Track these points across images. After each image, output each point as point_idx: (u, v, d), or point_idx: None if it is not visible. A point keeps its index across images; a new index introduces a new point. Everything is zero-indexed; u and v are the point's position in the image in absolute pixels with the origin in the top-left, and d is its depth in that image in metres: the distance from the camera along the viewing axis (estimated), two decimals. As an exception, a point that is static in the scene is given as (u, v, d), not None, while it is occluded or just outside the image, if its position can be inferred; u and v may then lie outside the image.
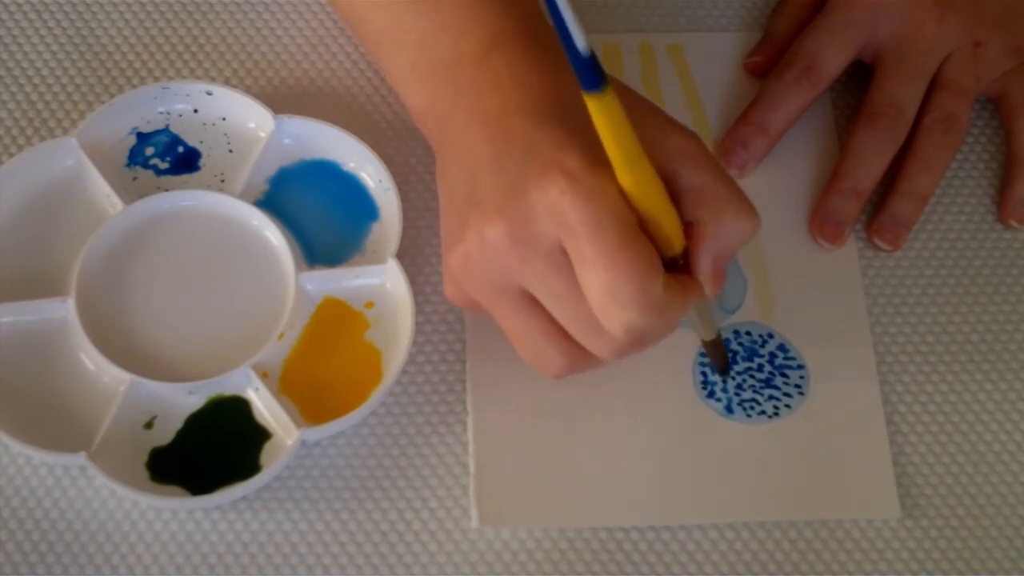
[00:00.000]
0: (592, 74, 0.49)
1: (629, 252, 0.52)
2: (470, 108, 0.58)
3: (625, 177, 0.52)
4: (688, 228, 0.55)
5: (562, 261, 0.53)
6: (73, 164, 0.64)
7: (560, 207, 0.52)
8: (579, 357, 0.57)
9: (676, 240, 0.55)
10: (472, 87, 0.58)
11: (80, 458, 0.57)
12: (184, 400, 0.60)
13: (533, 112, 0.56)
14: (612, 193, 0.52)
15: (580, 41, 0.48)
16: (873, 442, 0.61)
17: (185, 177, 0.65)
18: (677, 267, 0.56)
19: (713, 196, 0.55)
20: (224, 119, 0.66)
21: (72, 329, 0.61)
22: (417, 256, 0.64)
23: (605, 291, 0.52)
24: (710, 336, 0.61)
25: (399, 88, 0.63)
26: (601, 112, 0.50)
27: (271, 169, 0.65)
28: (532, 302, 0.56)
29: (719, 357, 0.62)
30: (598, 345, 0.55)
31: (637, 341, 0.54)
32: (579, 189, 0.52)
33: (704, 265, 0.55)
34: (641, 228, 0.54)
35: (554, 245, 0.53)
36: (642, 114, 0.54)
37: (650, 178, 0.52)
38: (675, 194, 0.54)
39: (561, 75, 0.56)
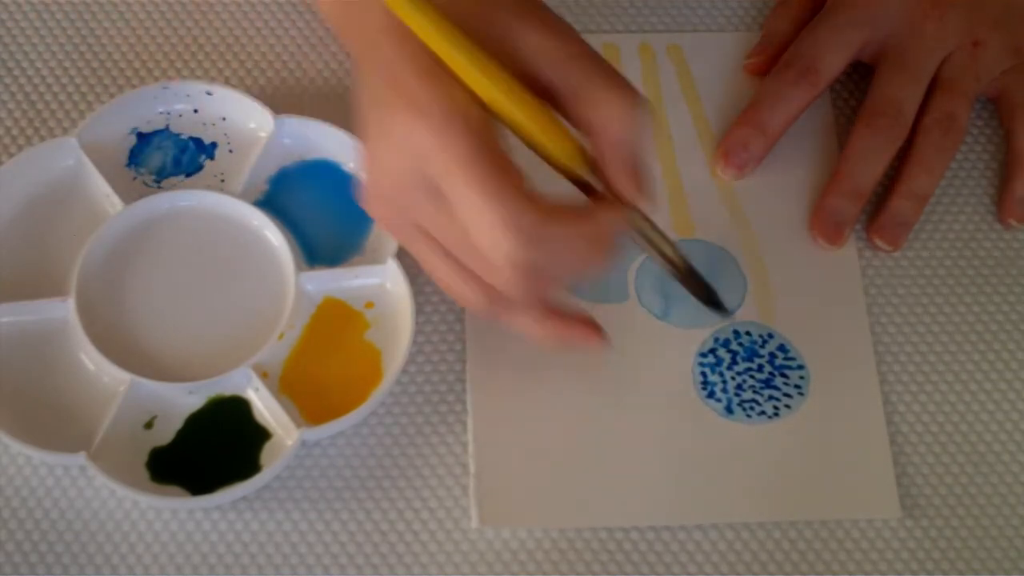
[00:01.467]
0: None
1: (492, 181, 0.49)
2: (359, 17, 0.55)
3: (473, 81, 0.50)
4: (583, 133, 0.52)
5: (437, 194, 0.51)
6: (73, 164, 0.64)
7: (417, 144, 0.50)
8: (490, 291, 0.54)
9: (560, 146, 0.52)
10: None
11: (80, 458, 0.57)
12: (184, 400, 0.60)
13: (390, 20, 0.52)
14: (465, 112, 0.50)
15: None
16: (873, 442, 0.61)
17: (185, 177, 0.65)
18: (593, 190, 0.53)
19: (586, 90, 0.52)
20: (224, 119, 0.66)
21: (72, 329, 0.61)
22: (417, 256, 0.64)
23: (475, 225, 0.50)
24: (678, 273, 0.58)
25: None
26: (408, 14, 0.48)
27: (271, 169, 0.65)
28: (430, 236, 0.54)
29: (696, 288, 0.59)
30: (494, 278, 0.53)
31: (532, 273, 0.51)
32: (429, 121, 0.50)
33: (615, 165, 0.52)
34: (526, 143, 0.51)
35: (426, 181, 0.51)
36: (495, 7, 0.51)
37: (498, 82, 0.50)
38: (548, 98, 0.52)
39: None
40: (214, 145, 0.66)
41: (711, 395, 0.62)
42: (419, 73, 0.50)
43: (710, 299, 0.60)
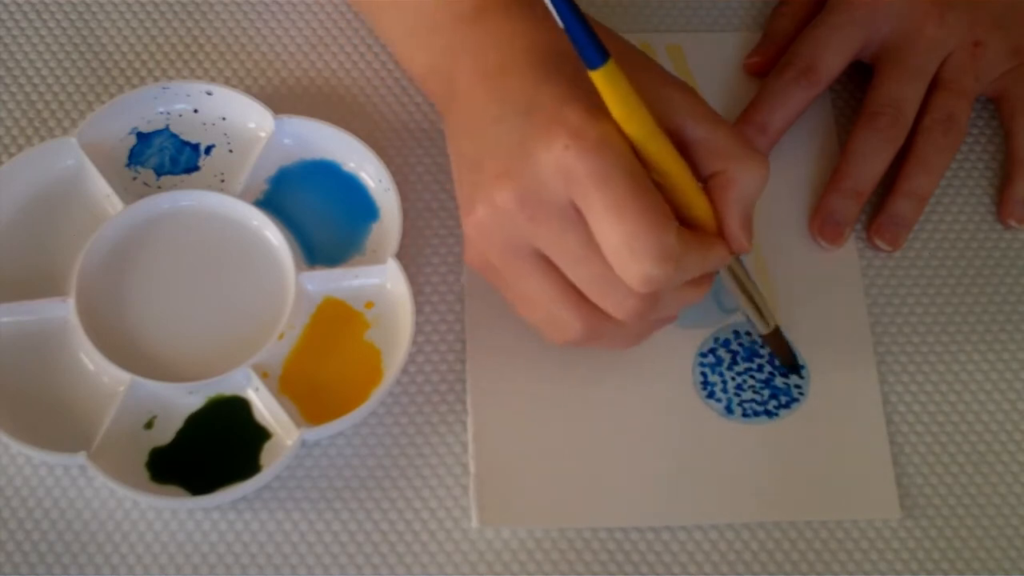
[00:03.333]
0: (594, 51, 0.50)
1: (640, 201, 0.52)
2: (471, 67, 0.58)
3: (630, 130, 0.52)
4: (706, 184, 0.55)
5: (574, 217, 0.53)
6: (73, 164, 0.64)
7: (566, 162, 0.52)
8: (595, 320, 0.56)
9: (692, 196, 0.55)
10: (470, 46, 0.58)
11: (80, 458, 0.57)
12: (184, 400, 0.60)
13: (531, 66, 0.56)
14: (617, 143, 0.52)
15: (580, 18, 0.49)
16: (873, 442, 0.61)
17: (185, 177, 0.65)
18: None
19: (725, 146, 0.55)
20: (224, 119, 0.66)
21: (72, 329, 0.61)
22: (417, 256, 0.64)
23: (620, 242, 0.52)
24: (765, 329, 0.60)
25: (398, 53, 0.63)
26: (607, 85, 0.51)
27: (271, 169, 0.65)
28: (547, 263, 0.56)
29: (781, 351, 0.61)
30: (614, 303, 0.55)
31: (654, 297, 0.54)
32: (584, 143, 0.52)
33: (734, 216, 0.55)
34: (659, 183, 0.54)
35: (564, 202, 0.53)
36: (640, 70, 0.54)
37: (654, 130, 0.53)
38: (684, 149, 0.55)
39: (554, 26, 0.56)
40: (213, 146, 0.66)
41: (711, 395, 0.62)
42: (579, 107, 0.53)
43: (789, 364, 0.62)
